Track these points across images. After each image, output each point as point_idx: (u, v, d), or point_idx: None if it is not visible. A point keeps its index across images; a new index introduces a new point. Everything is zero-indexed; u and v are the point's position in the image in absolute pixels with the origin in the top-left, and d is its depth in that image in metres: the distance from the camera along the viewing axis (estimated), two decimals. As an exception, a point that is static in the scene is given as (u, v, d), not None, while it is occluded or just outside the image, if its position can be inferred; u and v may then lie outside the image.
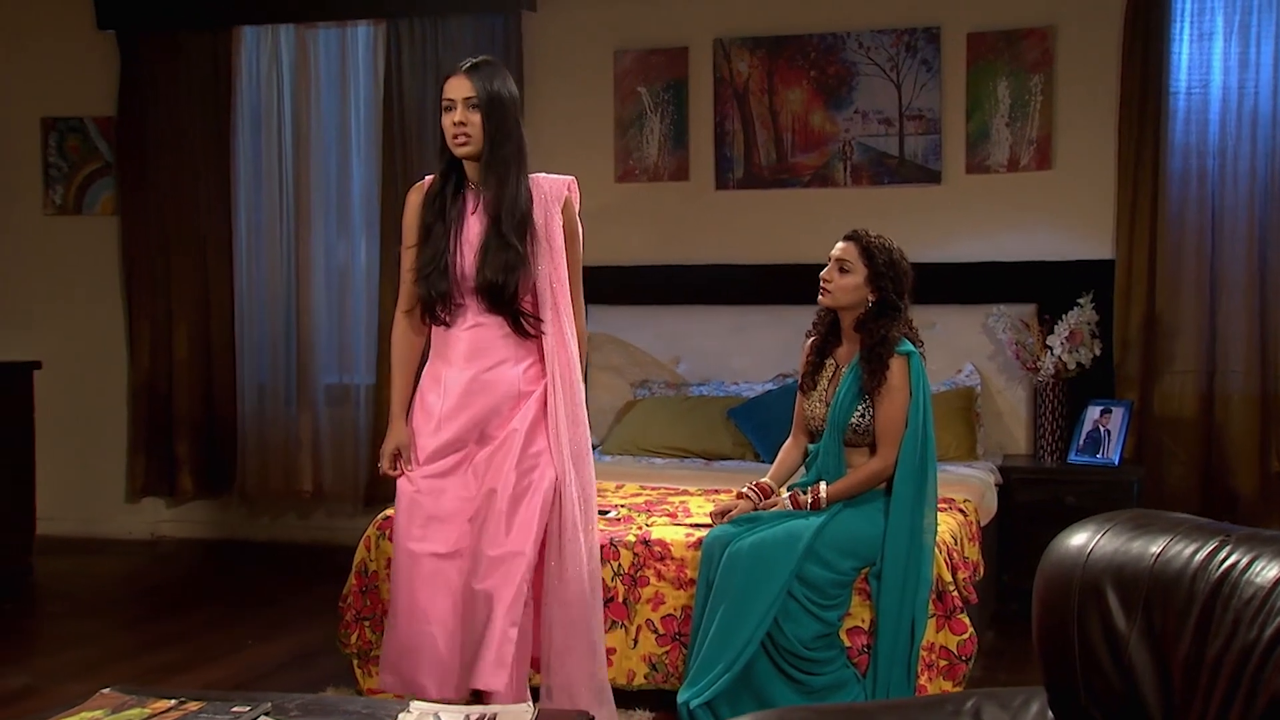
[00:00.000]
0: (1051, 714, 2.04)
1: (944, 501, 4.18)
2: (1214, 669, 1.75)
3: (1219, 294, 5.49)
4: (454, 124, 3.27)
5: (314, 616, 4.99)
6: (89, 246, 6.78)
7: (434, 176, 3.42)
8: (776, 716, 2.35)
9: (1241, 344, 5.46)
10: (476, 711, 2.51)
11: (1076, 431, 5.39)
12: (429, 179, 3.44)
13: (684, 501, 4.48)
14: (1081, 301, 5.41)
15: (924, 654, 3.67)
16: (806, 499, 3.77)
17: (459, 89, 3.27)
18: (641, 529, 4.02)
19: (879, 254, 3.74)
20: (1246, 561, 1.80)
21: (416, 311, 3.44)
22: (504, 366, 3.34)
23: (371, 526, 4.16)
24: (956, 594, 3.73)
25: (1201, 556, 1.86)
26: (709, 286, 6.03)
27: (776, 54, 5.97)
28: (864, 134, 5.89)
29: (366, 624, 4.07)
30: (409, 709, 2.50)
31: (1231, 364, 5.48)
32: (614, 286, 6.01)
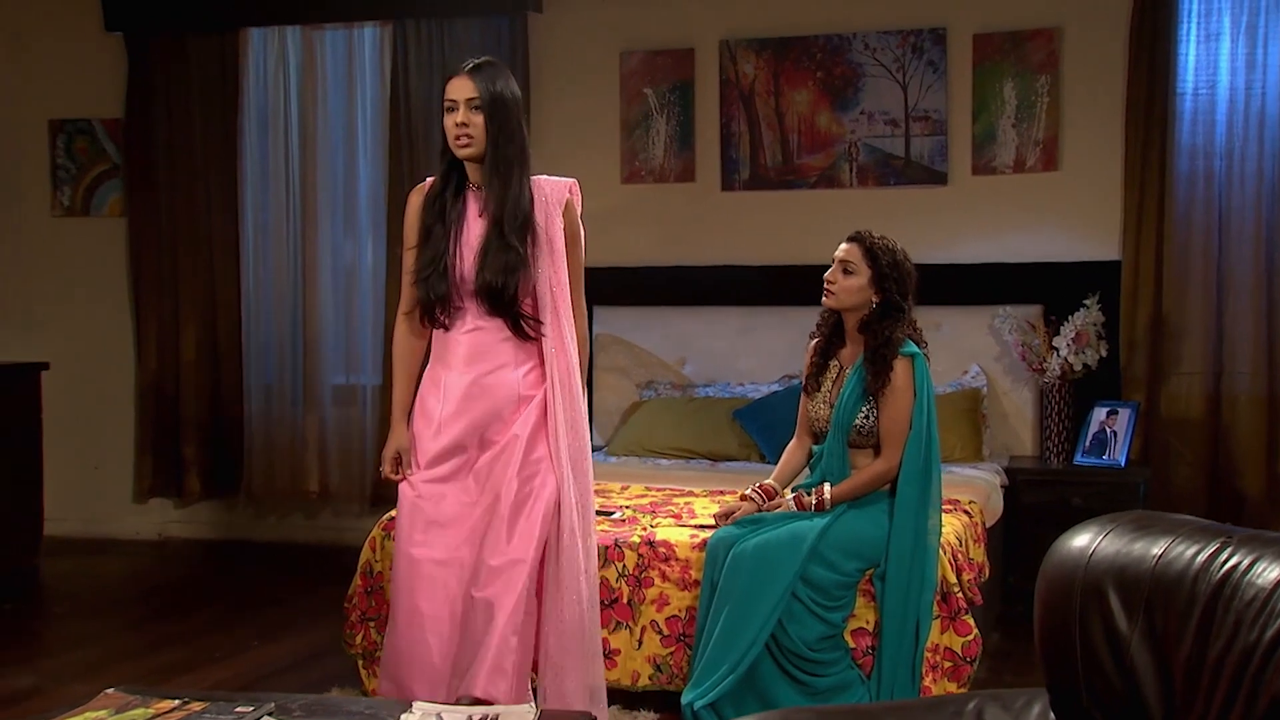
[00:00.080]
0: (1053, 715, 2.04)
1: (949, 503, 4.18)
2: (1215, 670, 1.75)
3: (1226, 295, 5.48)
4: (456, 125, 3.24)
5: (320, 617, 5.00)
6: (96, 248, 6.80)
7: (435, 178, 3.40)
8: (779, 717, 2.35)
9: (1248, 345, 5.45)
10: (479, 712, 2.51)
11: (1083, 433, 5.38)
12: (430, 180, 3.42)
13: (689, 503, 4.48)
14: (1088, 303, 5.40)
15: (928, 655, 3.66)
16: (811, 500, 3.77)
17: (461, 90, 3.24)
18: (646, 530, 4.02)
19: (883, 255, 3.73)
20: (1248, 563, 1.80)
21: (416, 314, 3.41)
22: (504, 370, 3.31)
23: (376, 527, 4.16)
24: (961, 595, 3.73)
25: (1203, 558, 1.86)
26: (715, 288, 6.03)
27: (782, 55, 5.97)
28: (870, 135, 5.88)
29: (371, 625, 4.07)
30: (411, 710, 2.50)
31: (1238, 365, 5.47)
32: (620, 287, 6.03)
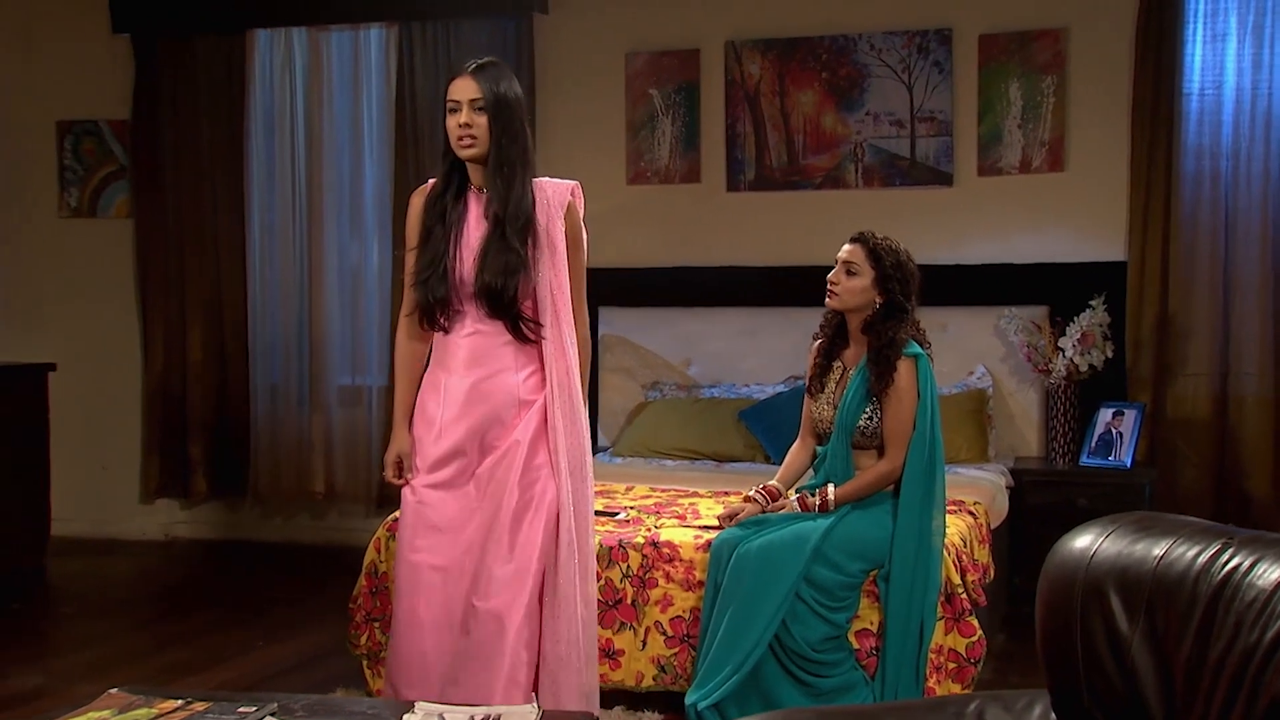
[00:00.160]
0: (1054, 716, 2.04)
1: (954, 504, 4.17)
2: (1216, 671, 1.75)
3: (1232, 296, 5.48)
4: (460, 126, 3.20)
5: (325, 618, 5.01)
6: (103, 249, 6.82)
7: (436, 179, 3.38)
8: (782, 717, 2.35)
9: (1255, 346, 5.44)
10: (481, 713, 2.52)
11: (1088, 434, 5.38)
12: (431, 182, 3.40)
13: (693, 504, 4.48)
14: (1094, 303, 5.39)
15: (933, 656, 3.66)
16: (814, 501, 3.77)
17: (464, 90, 3.21)
18: (650, 531, 4.03)
19: (886, 256, 3.73)
20: (1249, 564, 1.80)
21: (416, 316, 3.38)
22: (504, 374, 3.27)
23: (381, 528, 4.17)
24: (965, 596, 3.72)
25: (1204, 559, 1.86)
26: (720, 288, 6.03)
27: (788, 56, 5.97)
28: (875, 136, 5.88)
29: (376, 625, 4.07)
30: (413, 710, 2.51)
31: (1245, 366, 5.46)
32: (625, 288, 6.04)
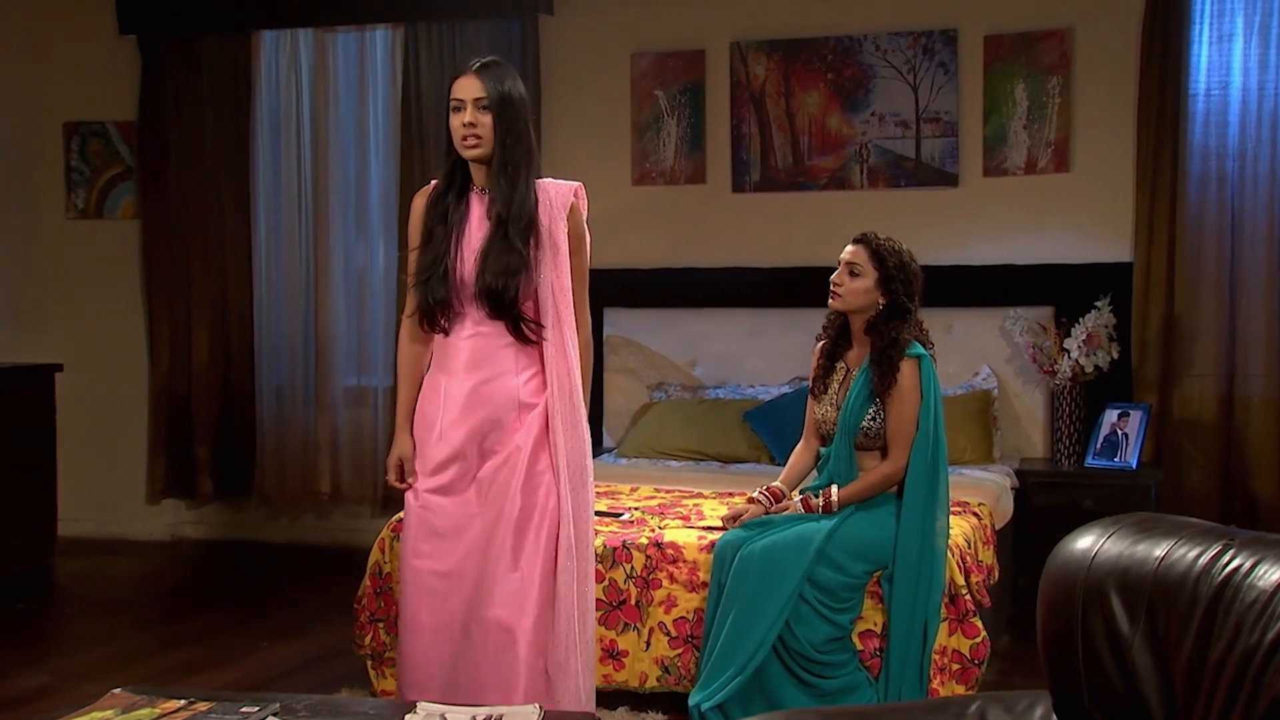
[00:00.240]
0: (1056, 717, 2.03)
1: (958, 505, 4.17)
2: (1216, 672, 1.75)
3: (1239, 296, 5.46)
4: (464, 125, 3.18)
5: (330, 618, 5.01)
6: (110, 250, 6.83)
7: (438, 180, 3.35)
8: (783, 718, 2.35)
9: (1261, 347, 5.43)
10: (484, 713, 2.52)
11: (1094, 435, 5.37)
12: (434, 183, 3.38)
13: (697, 504, 4.48)
14: (1099, 304, 5.38)
15: (936, 658, 3.66)
16: (818, 502, 3.77)
17: (469, 89, 3.19)
18: (654, 531, 4.03)
19: (889, 257, 3.73)
20: (1249, 565, 1.80)
21: (417, 317, 3.35)
22: (505, 377, 3.24)
23: (386, 529, 4.18)
24: (969, 597, 3.72)
25: (1205, 560, 1.85)
26: (725, 289, 6.03)
27: (793, 57, 5.97)
28: (881, 137, 5.88)
29: (381, 625, 4.08)
30: (415, 711, 2.51)
31: (1251, 367, 5.44)
32: (631, 289, 6.04)
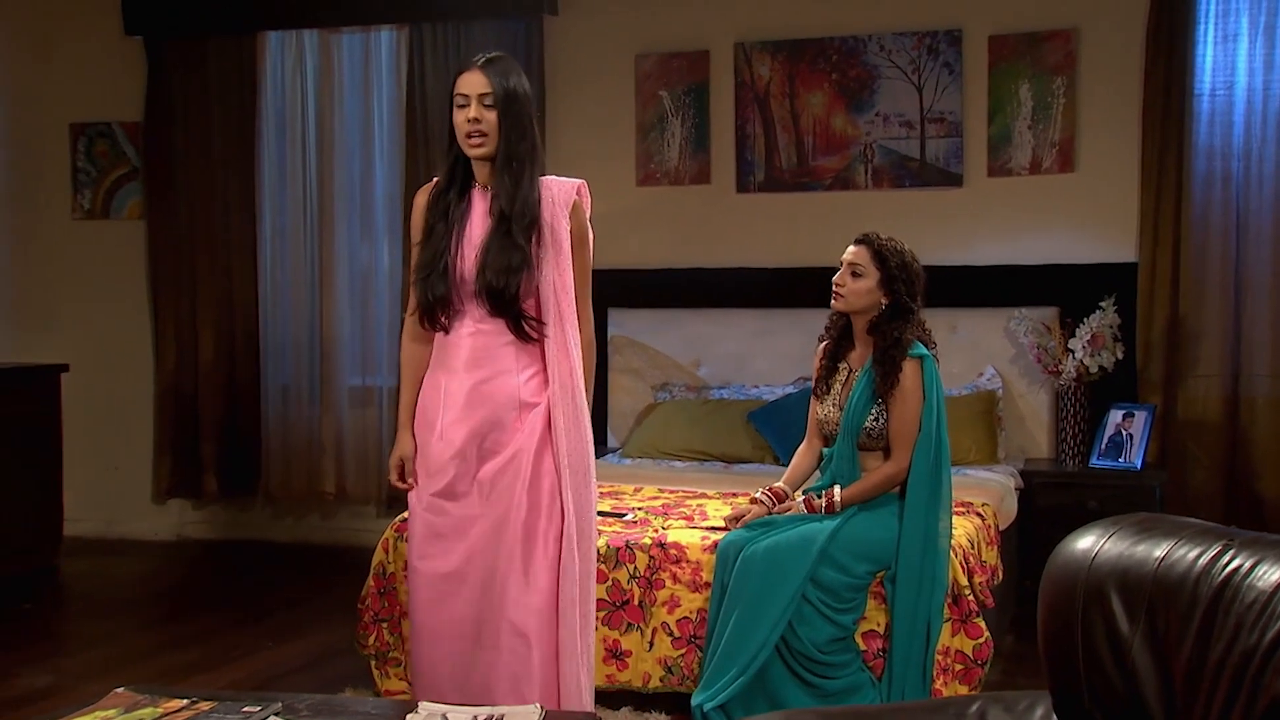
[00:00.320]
0: (1056, 717, 2.03)
1: (962, 505, 4.17)
2: (1215, 673, 1.75)
3: (1243, 297, 5.45)
4: (469, 121, 3.14)
5: (334, 618, 5.01)
6: (116, 250, 6.85)
7: (440, 176, 3.32)
8: (784, 718, 2.35)
9: (1266, 347, 5.42)
10: (485, 712, 2.52)
11: (1099, 435, 5.36)
12: (436, 179, 3.35)
13: (701, 505, 4.48)
14: (1104, 305, 5.38)
15: (939, 658, 3.66)
16: (820, 503, 3.77)
17: (474, 84, 3.15)
18: (658, 532, 4.03)
19: (891, 257, 3.73)
20: (1249, 566, 1.80)
21: (418, 315, 3.32)
22: (505, 376, 3.21)
23: (389, 529, 4.18)
24: (972, 598, 3.72)
25: (1205, 561, 1.85)
26: (730, 290, 6.03)
27: (797, 57, 5.96)
28: (885, 137, 5.87)
29: (384, 625, 4.09)
30: (417, 710, 2.52)
31: (1256, 368, 5.44)
32: (635, 289, 6.05)
